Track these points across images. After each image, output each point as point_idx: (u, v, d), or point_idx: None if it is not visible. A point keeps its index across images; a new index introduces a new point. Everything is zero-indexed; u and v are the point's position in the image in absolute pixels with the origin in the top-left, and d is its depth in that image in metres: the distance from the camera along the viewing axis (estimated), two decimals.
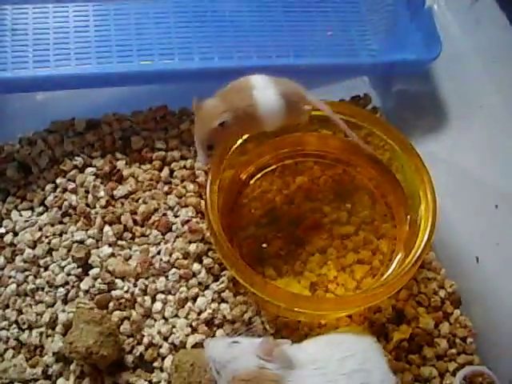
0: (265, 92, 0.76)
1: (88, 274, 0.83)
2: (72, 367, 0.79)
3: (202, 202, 0.84)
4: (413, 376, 0.79)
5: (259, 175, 0.88)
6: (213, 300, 0.81)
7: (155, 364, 0.79)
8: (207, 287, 0.82)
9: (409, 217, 0.83)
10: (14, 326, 0.82)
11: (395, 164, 0.86)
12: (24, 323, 0.81)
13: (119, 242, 0.85)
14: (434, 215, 0.78)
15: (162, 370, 0.78)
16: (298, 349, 0.68)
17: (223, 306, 0.81)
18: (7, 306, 0.83)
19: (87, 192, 0.88)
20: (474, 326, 0.83)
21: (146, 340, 0.79)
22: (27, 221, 0.88)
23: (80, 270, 0.83)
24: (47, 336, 0.81)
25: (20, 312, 0.82)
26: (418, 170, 0.81)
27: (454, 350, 0.81)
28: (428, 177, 0.80)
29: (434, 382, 0.79)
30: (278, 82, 0.78)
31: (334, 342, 0.70)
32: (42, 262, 0.85)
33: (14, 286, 0.83)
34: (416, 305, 0.83)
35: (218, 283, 0.82)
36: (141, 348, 0.79)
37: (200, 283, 0.82)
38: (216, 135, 0.76)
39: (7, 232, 0.87)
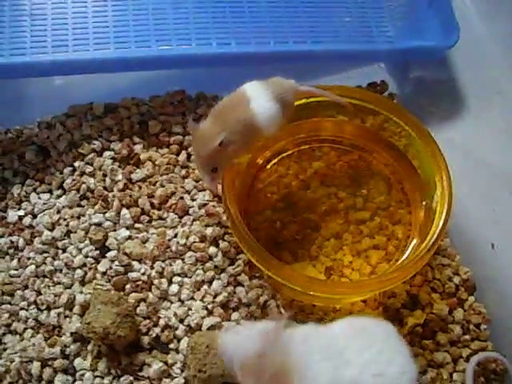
0: (259, 101, 0.75)
1: (105, 257, 0.84)
2: (89, 347, 0.80)
3: (219, 185, 0.85)
4: (426, 361, 0.79)
5: (275, 160, 0.88)
6: (229, 283, 0.82)
7: (171, 345, 0.80)
8: (223, 270, 0.83)
9: (424, 203, 0.83)
10: (33, 306, 0.83)
11: (411, 150, 0.86)
12: (42, 304, 0.83)
13: (136, 225, 0.86)
14: (449, 201, 0.78)
15: (177, 351, 0.79)
16: (316, 331, 0.68)
17: (239, 289, 0.82)
18: (26, 287, 0.84)
19: (105, 175, 0.89)
20: (488, 312, 0.83)
21: (162, 322, 0.80)
22: (46, 203, 0.89)
23: (97, 252, 0.84)
24: (65, 317, 0.82)
25: (39, 293, 0.84)
26: (435, 156, 0.81)
27: (467, 336, 0.82)
28: (444, 163, 0.80)
29: (447, 368, 0.80)
30: (270, 86, 0.77)
31: (355, 327, 0.69)
32: (60, 244, 0.86)
33: (32, 268, 0.85)
34: (430, 291, 0.84)
35: (233, 266, 0.83)
36: (157, 330, 0.80)
37: (216, 266, 0.83)
38: (217, 157, 0.75)
39: (26, 214, 0.89)
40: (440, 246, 0.86)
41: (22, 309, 0.83)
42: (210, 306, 0.81)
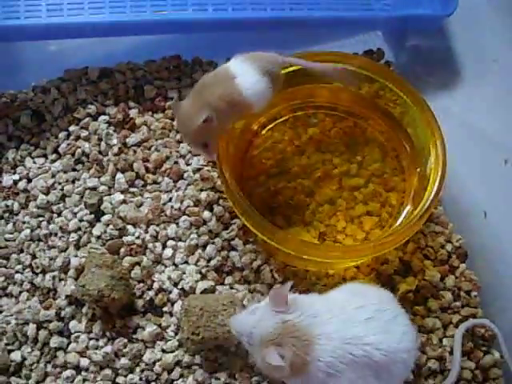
0: (246, 77, 0.75)
1: (100, 220, 0.85)
2: (84, 310, 0.81)
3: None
4: (417, 326, 0.80)
5: (271, 126, 0.88)
6: (222, 248, 0.83)
7: (165, 309, 0.80)
8: (217, 235, 0.84)
9: (418, 170, 0.83)
10: (28, 269, 0.84)
11: (406, 118, 0.86)
12: (38, 267, 0.84)
13: (131, 189, 0.86)
14: (443, 169, 0.78)
15: (171, 314, 0.80)
16: (318, 297, 0.69)
17: (233, 253, 0.83)
18: (21, 251, 0.85)
19: (100, 140, 0.89)
20: (479, 279, 0.84)
21: (156, 285, 0.81)
22: (40, 168, 0.89)
23: (92, 216, 0.85)
24: (60, 280, 0.83)
25: (34, 256, 0.85)
26: (430, 124, 0.81)
27: (458, 303, 0.83)
28: (439, 131, 0.81)
29: (437, 333, 0.81)
30: (255, 60, 0.76)
31: (355, 291, 0.71)
32: (55, 208, 0.86)
33: (27, 232, 0.85)
34: (423, 258, 0.84)
35: (227, 231, 0.83)
36: (151, 293, 0.81)
37: (210, 231, 0.84)
38: (203, 132, 0.74)
39: (21, 179, 0.89)
40: (433, 214, 0.86)
41: (17, 272, 0.84)
42: (203, 270, 0.82)
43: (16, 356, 0.80)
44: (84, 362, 0.79)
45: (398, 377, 0.68)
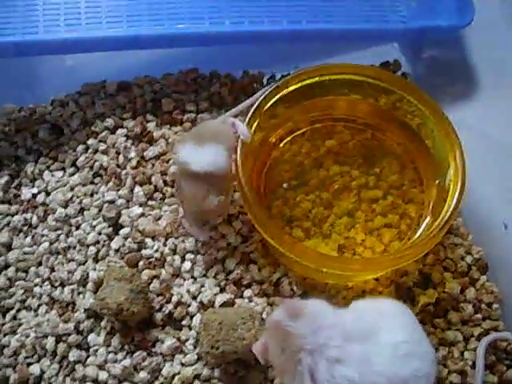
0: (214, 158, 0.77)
1: (118, 234, 0.85)
2: (103, 323, 0.81)
3: (233, 163, 0.85)
4: (438, 340, 0.80)
5: (289, 138, 0.88)
6: (241, 261, 0.83)
7: (184, 322, 0.80)
8: (236, 248, 0.84)
9: (437, 182, 0.82)
10: (47, 282, 0.84)
11: (424, 129, 0.85)
12: (56, 280, 0.84)
13: (149, 202, 0.87)
14: (462, 180, 0.77)
15: (190, 327, 0.80)
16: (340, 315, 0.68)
17: (252, 266, 0.82)
18: (40, 264, 0.86)
19: (118, 153, 0.90)
20: (500, 292, 0.83)
21: (174, 298, 0.81)
22: (59, 181, 0.89)
23: (111, 229, 0.85)
24: (79, 293, 0.83)
25: (52, 269, 0.85)
26: (448, 135, 0.81)
27: (479, 315, 0.82)
28: (458, 142, 0.80)
29: (458, 346, 0.80)
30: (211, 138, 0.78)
31: (379, 309, 0.69)
32: (73, 221, 0.87)
33: (46, 245, 0.86)
34: (443, 270, 0.84)
35: (246, 244, 0.83)
36: (170, 306, 0.81)
37: (229, 244, 0.84)
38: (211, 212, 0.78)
39: (39, 192, 0.90)
40: (452, 226, 0.86)
41: (36, 285, 0.85)
42: (222, 283, 0.81)
43: (35, 369, 0.80)
44: (103, 375, 0.78)
45: None
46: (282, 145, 0.88)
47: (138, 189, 0.87)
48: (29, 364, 0.81)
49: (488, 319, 0.82)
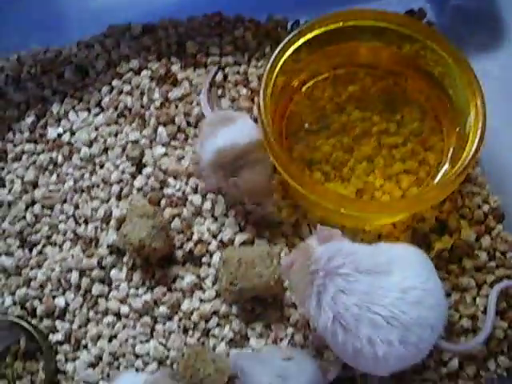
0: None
1: (141, 173, 0.87)
2: (125, 259, 0.84)
3: (255, 106, 0.86)
4: (451, 285, 0.81)
5: (310, 83, 0.88)
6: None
7: (203, 259, 0.83)
8: None
9: (457, 130, 0.83)
10: (71, 219, 0.87)
11: (447, 78, 0.85)
12: (80, 217, 0.86)
13: (172, 143, 0.88)
14: (482, 129, 0.77)
15: (209, 265, 0.82)
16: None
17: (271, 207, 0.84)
18: (65, 201, 0.88)
19: (142, 94, 0.91)
20: None
21: (195, 236, 0.83)
22: (84, 121, 0.91)
23: (134, 168, 0.87)
24: (102, 230, 0.85)
25: (77, 207, 0.87)
26: (471, 84, 0.80)
27: (493, 263, 0.83)
28: (480, 91, 0.80)
29: (471, 292, 0.81)
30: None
31: (399, 253, 0.71)
32: (97, 160, 0.88)
33: (71, 183, 0.88)
34: (459, 217, 0.84)
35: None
36: (190, 244, 0.83)
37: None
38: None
39: (65, 132, 0.91)
40: (471, 175, 0.86)
41: (61, 222, 0.87)
42: (242, 223, 0.83)
43: (60, 301, 0.83)
44: (124, 309, 0.82)
45: (427, 342, 0.68)
46: (303, 89, 0.88)
47: (161, 129, 0.88)
48: (54, 297, 0.84)
49: (501, 267, 0.83)
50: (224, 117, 0.82)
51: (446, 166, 0.83)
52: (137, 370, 0.80)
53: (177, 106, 0.89)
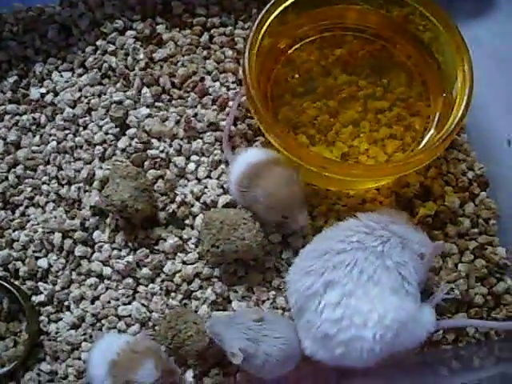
0: None
1: (125, 134, 0.86)
2: (108, 221, 0.83)
3: (240, 68, 0.85)
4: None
5: (298, 46, 0.87)
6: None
7: (186, 221, 0.82)
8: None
9: (444, 95, 0.82)
10: (54, 181, 0.86)
11: (436, 44, 0.84)
12: (63, 179, 0.86)
13: (157, 104, 0.87)
14: (469, 94, 0.77)
15: (192, 227, 0.82)
16: None
17: None
18: (48, 163, 0.87)
19: (127, 54, 0.89)
20: (498, 208, 0.84)
21: (178, 198, 0.83)
22: (67, 81, 0.90)
23: (117, 129, 0.86)
24: (85, 191, 0.85)
25: (60, 168, 0.86)
26: (459, 49, 0.80)
27: (475, 230, 0.83)
28: (468, 57, 0.79)
29: (453, 258, 0.82)
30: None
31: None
32: (81, 121, 0.87)
33: (54, 144, 0.87)
34: (444, 184, 0.85)
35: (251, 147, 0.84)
36: (173, 206, 0.83)
37: (234, 147, 0.84)
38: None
39: (48, 92, 0.90)
40: (456, 141, 0.86)
41: (43, 183, 0.86)
42: (225, 185, 0.83)
43: (43, 263, 0.83)
44: (107, 270, 0.82)
45: None
46: (290, 51, 0.87)
47: (145, 90, 0.87)
48: (37, 258, 0.84)
49: (484, 234, 0.84)
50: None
51: (432, 132, 0.82)
52: (119, 331, 0.80)
53: (161, 67, 0.88)
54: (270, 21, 0.81)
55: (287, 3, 0.82)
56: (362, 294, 0.69)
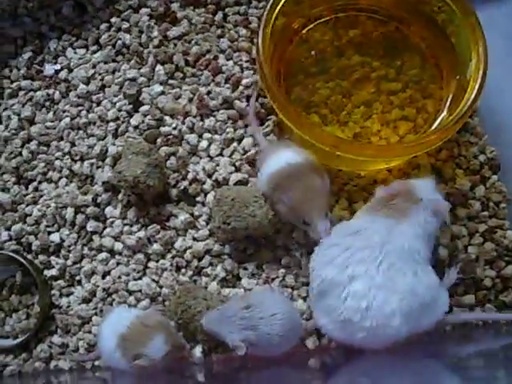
0: None
1: (138, 111, 0.86)
2: (120, 196, 0.84)
3: (254, 47, 0.85)
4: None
5: (311, 26, 0.87)
6: (258, 142, 0.84)
7: (198, 198, 0.83)
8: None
9: (458, 77, 0.82)
10: (67, 156, 0.87)
11: (451, 25, 0.84)
12: (76, 155, 0.86)
13: (170, 81, 0.87)
14: (483, 77, 0.77)
15: (203, 204, 0.83)
16: None
17: None
18: (61, 139, 0.88)
19: (141, 32, 0.89)
20: (509, 192, 0.84)
21: (190, 175, 0.83)
22: (81, 58, 0.90)
23: (131, 106, 0.86)
24: (97, 167, 0.86)
25: (73, 144, 0.87)
26: (473, 31, 0.79)
27: (486, 213, 0.83)
28: (482, 39, 0.79)
29: (462, 241, 0.82)
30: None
31: None
32: (94, 97, 0.88)
33: (67, 120, 0.88)
34: (455, 166, 0.85)
35: (263, 127, 0.84)
36: (185, 183, 0.83)
37: (246, 125, 0.85)
38: None
39: (62, 68, 0.91)
40: (469, 124, 0.86)
41: (57, 159, 0.87)
42: (237, 163, 0.83)
43: (55, 237, 0.84)
44: (118, 246, 0.83)
45: None
46: (304, 31, 0.87)
47: (159, 67, 0.87)
48: (49, 232, 0.85)
49: (494, 217, 0.84)
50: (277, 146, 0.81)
51: (444, 114, 0.82)
52: (129, 306, 0.81)
53: (175, 45, 0.88)
54: (284, 0, 0.81)
55: None
56: (386, 280, 0.69)
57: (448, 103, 0.83)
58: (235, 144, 0.84)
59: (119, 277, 0.82)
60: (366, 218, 0.74)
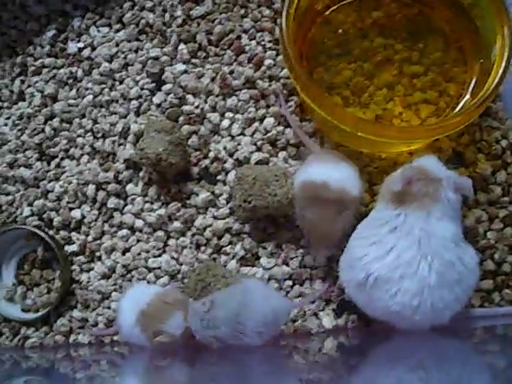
0: None
1: (161, 90, 0.87)
2: (141, 174, 0.85)
3: (277, 27, 0.85)
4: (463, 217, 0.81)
5: (335, 7, 0.86)
6: (279, 123, 0.84)
7: (219, 177, 0.84)
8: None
9: (481, 61, 0.82)
10: (90, 134, 0.88)
11: (476, 8, 0.83)
12: (98, 132, 0.87)
13: (193, 60, 0.87)
14: (507, 61, 0.76)
15: (224, 183, 0.83)
16: None
17: (288, 130, 0.84)
18: (83, 116, 0.89)
19: (164, 11, 0.90)
20: None
21: (211, 154, 0.84)
22: (105, 36, 0.91)
23: (153, 84, 0.87)
24: (119, 144, 0.86)
25: (95, 121, 0.88)
26: (500, 14, 0.78)
27: (506, 198, 0.83)
28: (508, 23, 0.78)
29: (483, 225, 0.82)
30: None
31: None
32: (117, 75, 0.89)
33: (90, 97, 0.88)
34: (476, 151, 0.84)
35: (286, 106, 0.84)
36: (206, 161, 0.84)
37: (268, 105, 0.85)
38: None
39: (85, 47, 0.91)
40: (491, 109, 0.85)
41: (79, 136, 0.88)
42: (259, 143, 0.84)
43: (76, 214, 0.85)
44: (138, 223, 0.83)
45: None
46: (327, 13, 0.86)
47: (182, 46, 0.87)
48: (71, 209, 0.86)
49: None
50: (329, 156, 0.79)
51: (467, 97, 0.82)
52: (148, 282, 0.82)
53: (199, 24, 0.88)
54: None
55: None
56: (438, 277, 0.68)
57: (471, 87, 0.82)
58: (257, 124, 0.84)
59: (139, 253, 0.83)
60: (395, 212, 0.71)
